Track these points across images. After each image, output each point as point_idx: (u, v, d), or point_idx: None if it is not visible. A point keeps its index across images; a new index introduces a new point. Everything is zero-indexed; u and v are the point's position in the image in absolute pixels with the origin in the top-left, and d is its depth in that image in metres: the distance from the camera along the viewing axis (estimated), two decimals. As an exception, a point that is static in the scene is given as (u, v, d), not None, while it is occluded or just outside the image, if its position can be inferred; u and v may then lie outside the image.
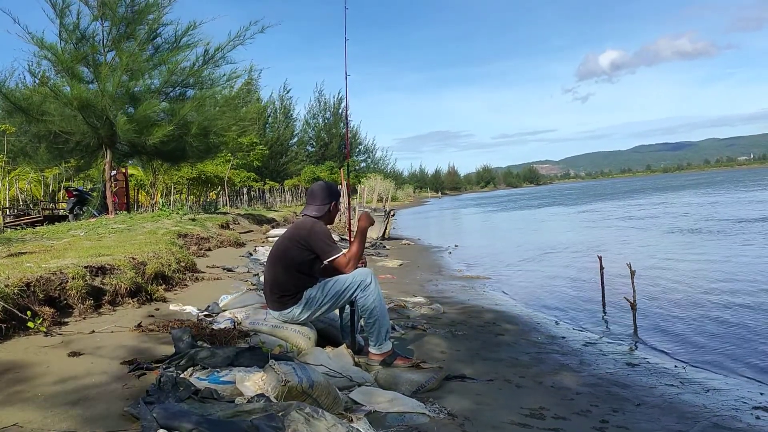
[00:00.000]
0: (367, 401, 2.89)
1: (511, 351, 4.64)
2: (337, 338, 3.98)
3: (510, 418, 2.96)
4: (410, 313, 5.82)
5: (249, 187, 30.14)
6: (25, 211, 15.57)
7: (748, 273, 8.30)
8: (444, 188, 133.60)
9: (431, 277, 9.28)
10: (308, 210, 3.86)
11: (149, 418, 2.17)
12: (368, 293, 3.66)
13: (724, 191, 36.50)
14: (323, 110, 52.88)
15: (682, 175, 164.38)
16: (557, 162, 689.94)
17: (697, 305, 6.56)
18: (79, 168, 15.14)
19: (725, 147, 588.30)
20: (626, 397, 3.57)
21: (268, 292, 3.81)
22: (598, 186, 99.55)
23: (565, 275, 9.31)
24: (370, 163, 58.60)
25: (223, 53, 13.10)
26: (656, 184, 72.39)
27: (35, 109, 11.60)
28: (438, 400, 3.09)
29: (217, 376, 2.70)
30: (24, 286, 3.59)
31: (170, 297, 5.01)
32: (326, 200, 3.86)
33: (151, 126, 12.13)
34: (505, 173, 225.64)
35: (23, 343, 3.22)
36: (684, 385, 3.93)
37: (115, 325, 3.74)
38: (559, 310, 6.81)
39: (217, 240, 9.86)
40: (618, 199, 39.65)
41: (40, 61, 11.95)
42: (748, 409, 3.45)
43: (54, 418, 2.30)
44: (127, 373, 2.86)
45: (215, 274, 6.64)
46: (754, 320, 5.74)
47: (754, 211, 18.93)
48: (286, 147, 39.67)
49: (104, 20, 12.43)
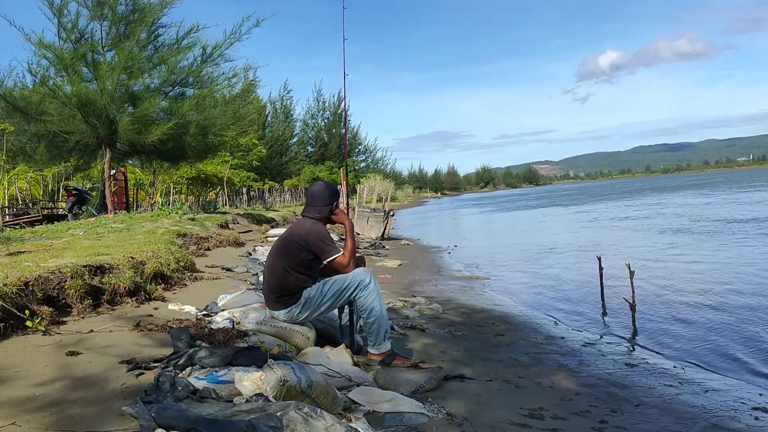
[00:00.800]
0: (365, 401, 2.88)
1: (510, 351, 4.63)
2: (336, 338, 3.97)
3: (509, 418, 2.96)
4: (409, 313, 5.82)
5: (248, 186, 30.12)
6: (24, 210, 15.55)
7: (746, 273, 8.30)
8: (443, 188, 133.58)
9: (430, 277, 9.28)
10: (309, 211, 3.85)
11: (147, 417, 2.16)
12: (367, 293, 3.66)
13: (721, 192, 36.53)
14: (322, 110, 52.88)
15: (681, 176, 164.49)
16: (557, 162, 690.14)
17: (696, 306, 6.56)
18: (78, 167, 15.13)
19: (724, 148, 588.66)
20: (625, 398, 3.57)
21: (267, 292, 3.81)
22: (596, 187, 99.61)
23: (563, 275, 9.31)
24: (370, 163, 58.63)
25: (221, 51, 13.10)
26: (654, 185, 72.43)
27: (34, 109, 11.59)
28: (437, 401, 3.09)
29: (216, 375, 2.70)
30: (23, 285, 3.58)
31: (169, 296, 5.01)
32: (327, 202, 3.85)
33: (150, 124, 12.12)
34: (505, 174, 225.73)
35: (22, 342, 3.21)
36: (683, 385, 3.93)
37: (114, 325, 3.74)
38: (558, 310, 6.81)
39: (216, 240, 9.85)
40: (614, 199, 39.67)
41: (39, 61, 11.97)
42: (747, 409, 3.45)
43: (52, 417, 2.30)
44: (125, 372, 2.86)
45: (214, 274, 6.64)
46: (753, 321, 5.74)
47: (753, 212, 18.96)
48: (285, 147, 39.66)
49: (103, 19, 12.44)
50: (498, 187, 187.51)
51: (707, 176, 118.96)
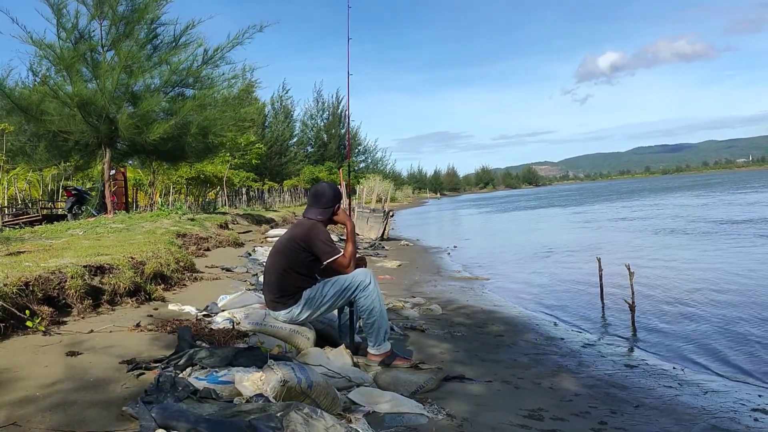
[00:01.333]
0: (365, 402, 2.89)
1: (509, 352, 4.64)
2: (336, 339, 3.98)
3: (509, 419, 2.96)
4: (409, 313, 5.82)
5: (248, 187, 30.12)
6: (24, 210, 15.54)
7: (745, 274, 8.30)
8: (443, 189, 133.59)
9: (430, 278, 9.28)
10: (311, 212, 3.85)
11: (148, 417, 2.17)
12: (367, 293, 3.67)
13: (718, 193, 36.55)
14: (321, 110, 52.91)
15: (681, 177, 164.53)
16: (556, 163, 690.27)
17: (696, 306, 6.56)
18: (78, 167, 15.13)
19: (724, 149, 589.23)
20: (625, 399, 3.57)
21: (268, 292, 3.81)
22: (596, 188, 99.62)
23: (563, 276, 9.31)
24: (370, 163, 58.65)
25: (222, 54, 13.13)
26: (653, 186, 72.44)
27: (34, 108, 11.59)
28: (437, 401, 3.09)
29: (216, 376, 2.70)
30: (23, 286, 3.59)
31: (169, 297, 5.01)
32: (330, 204, 3.85)
33: (151, 123, 12.13)
34: (504, 174, 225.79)
35: (22, 342, 3.22)
36: (682, 386, 3.94)
37: (114, 325, 3.74)
38: (557, 310, 6.81)
39: (216, 240, 9.85)
40: (612, 200, 39.69)
41: (41, 60, 11.96)
42: (747, 411, 3.45)
43: (52, 417, 2.30)
44: (125, 372, 2.86)
45: (214, 274, 6.64)
46: (752, 322, 5.75)
47: (751, 213, 18.98)
48: (285, 147, 39.67)
49: (102, 19, 12.44)
50: (497, 187, 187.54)
51: (705, 177, 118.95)
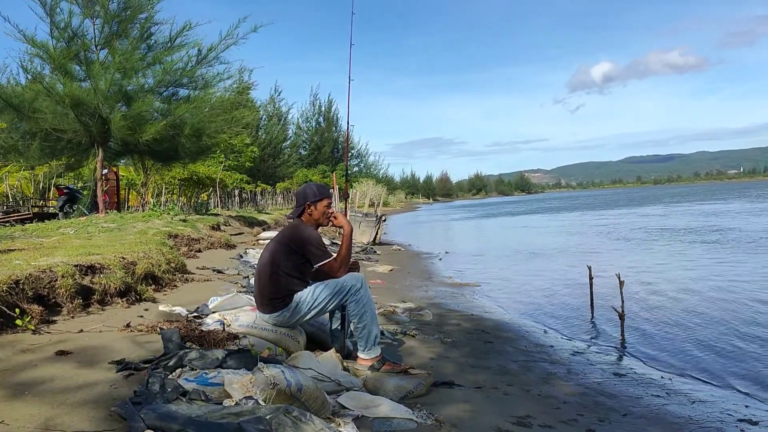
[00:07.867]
0: (354, 406, 2.89)
1: (499, 358, 4.65)
2: (326, 342, 3.98)
3: (497, 425, 2.97)
4: (400, 318, 5.83)
5: (241, 189, 30.05)
6: (15, 207, 15.45)
7: (736, 283, 8.36)
8: (436, 195, 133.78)
9: (421, 283, 9.29)
10: (292, 213, 3.96)
11: (136, 418, 2.16)
12: (358, 298, 3.67)
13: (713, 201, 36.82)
14: (316, 114, 53.03)
15: (671, 188, 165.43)
16: (549, 171, 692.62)
17: (683, 316, 6.60)
18: (71, 166, 15.06)
19: (715, 160, 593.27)
20: (613, 407, 3.59)
21: (258, 295, 3.81)
22: (588, 196, 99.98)
23: (553, 283, 9.34)
24: (363, 167, 58.67)
25: (216, 53, 13.09)
26: (644, 195, 72.84)
27: (27, 106, 11.54)
28: (426, 406, 3.10)
29: (206, 377, 2.69)
30: (13, 284, 3.57)
31: (160, 297, 5.00)
32: (300, 202, 3.91)
33: (144, 123, 12.09)
34: (497, 181, 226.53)
35: (11, 340, 3.20)
36: (670, 396, 3.96)
37: (104, 325, 3.73)
38: (547, 318, 6.84)
39: (208, 241, 9.83)
40: (600, 209, 39.89)
41: (32, 59, 11.91)
42: (733, 421, 3.48)
43: (40, 417, 2.29)
44: (115, 373, 2.85)
45: (205, 276, 6.63)
46: (740, 331, 5.79)
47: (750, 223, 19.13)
48: (278, 149, 39.63)
49: (95, 17, 12.40)
50: (490, 194, 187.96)
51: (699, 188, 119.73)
